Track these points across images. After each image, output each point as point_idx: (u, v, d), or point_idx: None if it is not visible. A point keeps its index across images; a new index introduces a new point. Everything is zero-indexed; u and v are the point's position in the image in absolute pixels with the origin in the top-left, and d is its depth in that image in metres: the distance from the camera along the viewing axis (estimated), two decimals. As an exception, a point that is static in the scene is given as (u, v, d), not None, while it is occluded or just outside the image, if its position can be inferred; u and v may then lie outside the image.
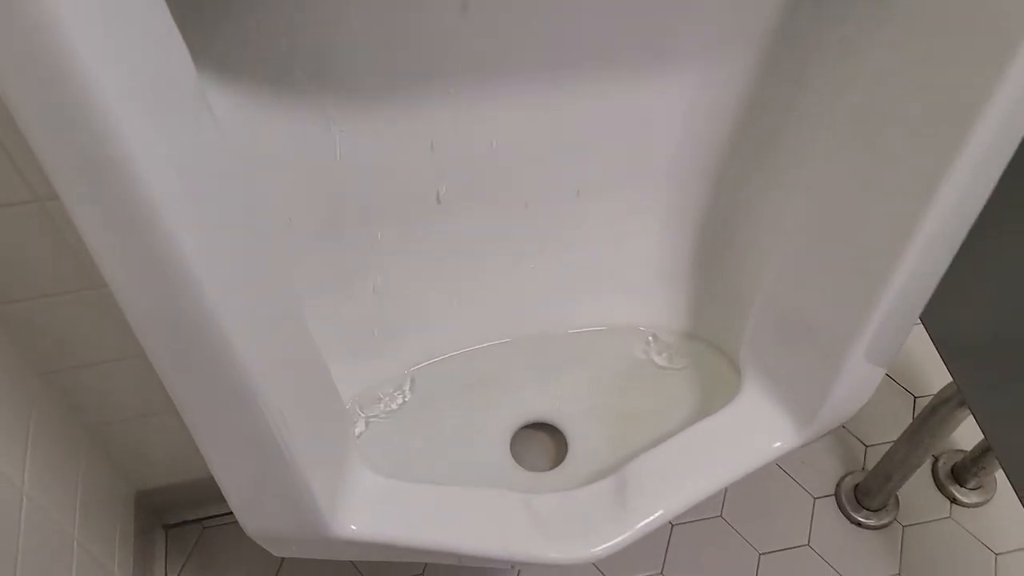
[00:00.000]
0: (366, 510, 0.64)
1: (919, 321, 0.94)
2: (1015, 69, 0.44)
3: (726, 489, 1.18)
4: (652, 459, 0.68)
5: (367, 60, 0.55)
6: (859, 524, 1.16)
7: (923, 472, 1.21)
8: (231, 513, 1.21)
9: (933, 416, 0.99)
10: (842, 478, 1.20)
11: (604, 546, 0.65)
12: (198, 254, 0.43)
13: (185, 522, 1.14)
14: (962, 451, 1.20)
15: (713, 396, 0.75)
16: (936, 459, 1.22)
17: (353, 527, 0.63)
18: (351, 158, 0.58)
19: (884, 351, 0.63)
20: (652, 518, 0.66)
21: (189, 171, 0.42)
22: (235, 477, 0.58)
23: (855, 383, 0.65)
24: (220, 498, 0.72)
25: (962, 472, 1.19)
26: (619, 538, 0.65)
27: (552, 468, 0.77)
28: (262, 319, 0.51)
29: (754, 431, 0.68)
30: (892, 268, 0.54)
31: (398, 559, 0.71)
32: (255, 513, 0.61)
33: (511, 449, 0.78)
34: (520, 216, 0.70)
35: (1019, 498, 0.82)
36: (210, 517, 1.14)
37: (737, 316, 0.73)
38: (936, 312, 0.93)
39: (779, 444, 0.67)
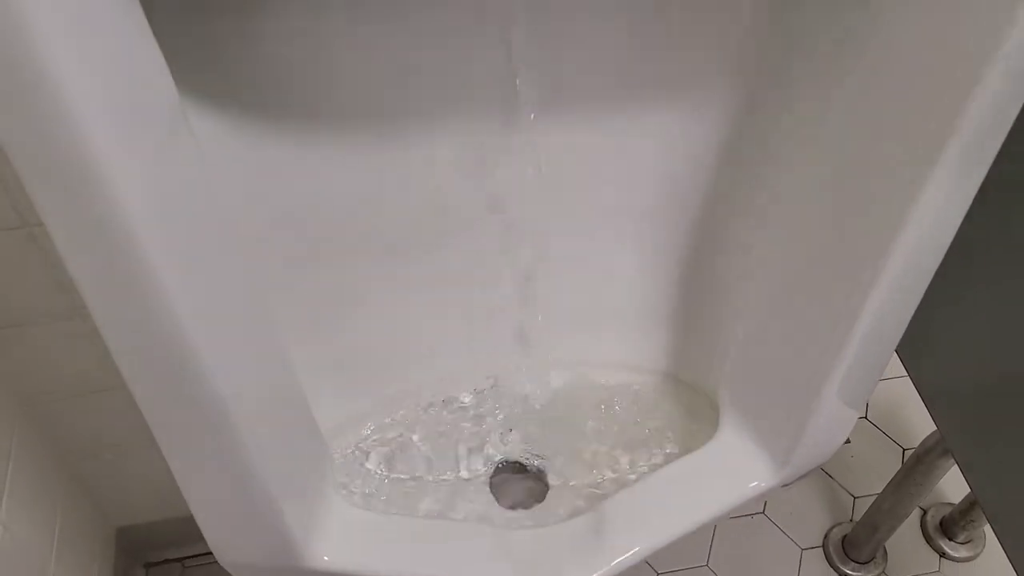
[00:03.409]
0: (340, 541, 0.64)
1: (906, 373, 0.94)
2: (969, 114, 0.45)
3: (712, 538, 1.18)
4: (629, 496, 0.68)
5: (361, 93, 0.56)
6: (847, 576, 1.15)
7: (912, 525, 1.20)
8: (212, 553, 1.19)
9: (918, 465, 0.99)
10: (830, 529, 1.19)
11: (579, 582, 0.65)
12: (172, 276, 0.43)
13: (166, 560, 1.13)
14: (951, 504, 1.19)
15: (693, 437, 0.75)
16: (925, 512, 1.21)
17: (326, 558, 0.63)
18: (337, 189, 0.60)
19: (857, 391, 0.63)
20: (628, 555, 0.65)
21: (164, 192, 0.43)
22: (208, 503, 0.58)
23: (829, 423, 0.65)
24: (201, 537, 0.72)
25: (951, 526, 1.18)
26: (595, 574, 0.65)
27: (532, 507, 0.77)
28: (237, 345, 0.52)
29: (731, 470, 0.68)
30: (860, 307, 0.55)
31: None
32: (229, 541, 0.61)
33: (491, 489, 0.78)
34: (504, 251, 0.71)
35: (1005, 552, 0.81)
36: (191, 556, 1.13)
37: (718, 357, 0.73)
38: (920, 359, 0.93)
39: (756, 483, 0.67)
